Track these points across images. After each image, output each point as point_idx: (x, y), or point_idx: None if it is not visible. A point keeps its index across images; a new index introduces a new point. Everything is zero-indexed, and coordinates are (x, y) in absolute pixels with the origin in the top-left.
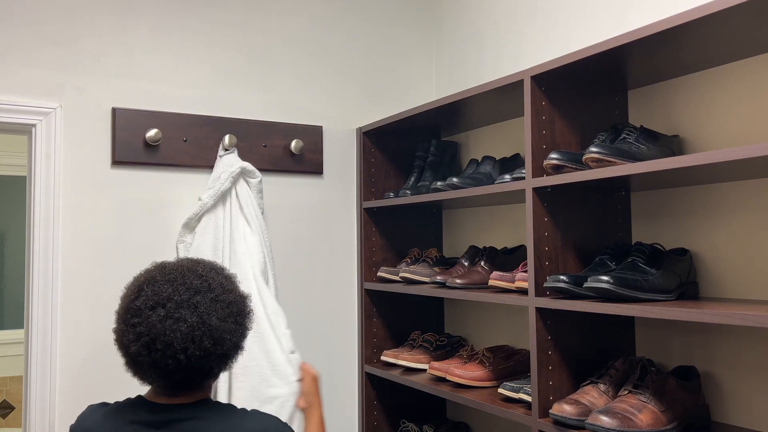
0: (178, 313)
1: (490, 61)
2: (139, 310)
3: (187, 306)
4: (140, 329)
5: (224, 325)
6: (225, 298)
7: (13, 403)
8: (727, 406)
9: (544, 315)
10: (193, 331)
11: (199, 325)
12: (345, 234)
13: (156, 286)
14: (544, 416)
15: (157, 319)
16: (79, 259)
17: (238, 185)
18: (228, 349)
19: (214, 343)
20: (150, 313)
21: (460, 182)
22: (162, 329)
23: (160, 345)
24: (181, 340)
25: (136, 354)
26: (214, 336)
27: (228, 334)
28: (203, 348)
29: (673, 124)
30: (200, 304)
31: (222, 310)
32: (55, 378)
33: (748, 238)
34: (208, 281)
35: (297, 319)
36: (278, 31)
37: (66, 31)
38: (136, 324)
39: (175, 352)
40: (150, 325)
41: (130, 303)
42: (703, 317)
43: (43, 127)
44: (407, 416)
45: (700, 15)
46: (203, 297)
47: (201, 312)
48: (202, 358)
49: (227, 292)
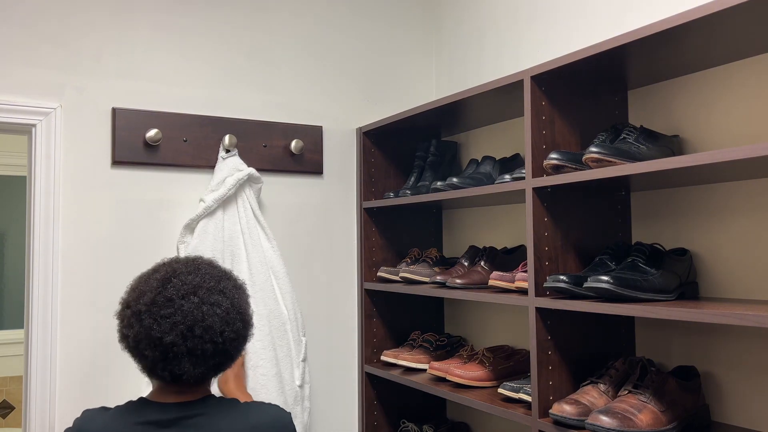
0: (212, 299)
1: (490, 61)
2: (170, 299)
3: (217, 292)
4: (176, 318)
5: (248, 308)
6: (241, 285)
7: (13, 403)
8: (727, 406)
9: (544, 315)
10: (228, 314)
11: (232, 308)
12: (345, 234)
13: (182, 276)
14: (544, 416)
15: (193, 306)
16: (79, 259)
17: (245, 190)
18: (250, 331)
19: (244, 324)
20: (183, 302)
21: (460, 182)
22: (200, 315)
23: (199, 330)
24: (219, 323)
25: (170, 345)
26: (244, 318)
27: (251, 318)
28: (236, 330)
29: (673, 124)
30: (227, 289)
31: (243, 294)
32: (55, 378)
33: (748, 238)
34: (222, 270)
35: None
36: (278, 31)
37: (66, 31)
38: (170, 314)
39: (213, 336)
40: (185, 312)
41: (156, 296)
42: (703, 317)
43: (43, 127)
44: (407, 416)
45: (700, 15)
46: (227, 283)
47: (231, 297)
48: (235, 339)
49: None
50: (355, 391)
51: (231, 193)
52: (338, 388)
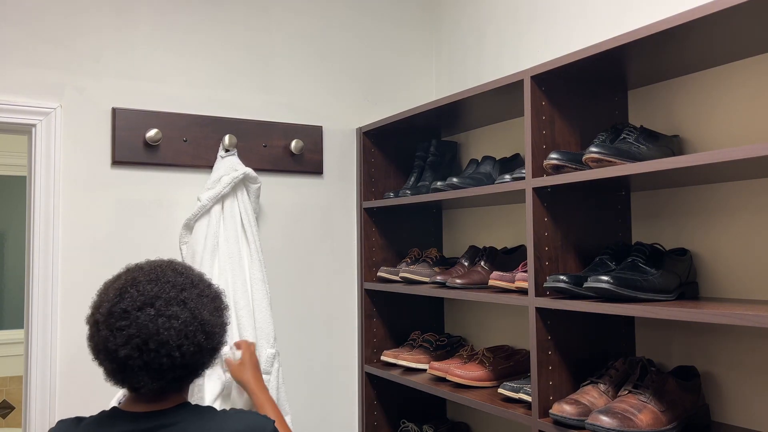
0: (169, 311)
1: (490, 61)
2: (125, 312)
3: (176, 303)
4: (130, 331)
5: (214, 319)
6: (209, 293)
7: (13, 403)
8: (727, 406)
9: (544, 315)
10: (186, 326)
11: (192, 320)
12: (345, 234)
13: (140, 286)
14: (544, 416)
15: (148, 319)
16: (79, 259)
17: (239, 191)
18: (217, 343)
19: (206, 337)
20: (138, 314)
21: (460, 182)
22: (155, 328)
23: (154, 344)
24: (176, 337)
25: (125, 358)
26: (206, 330)
27: (217, 328)
28: (197, 343)
29: (673, 124)
30: (188, 299)
31: (209, 304)
32: (55, 378)
33: (748, 238)
34: (190, 277)
35: (297, 319)
36: (278, 31)
37: (66, 31)
38: (125, 327)
39: (169, 350)
40: (140, 325)
41: (112, 306)
42: (703, 317)
43: (43, 127)
44: (407, 416)
45: (700, 15)
46: (190, 293)
47: (191, 307)
48: (196, 353)
49: (208, 287)
50: (355, 391)
51: (227, 192)
52: (338, 388)
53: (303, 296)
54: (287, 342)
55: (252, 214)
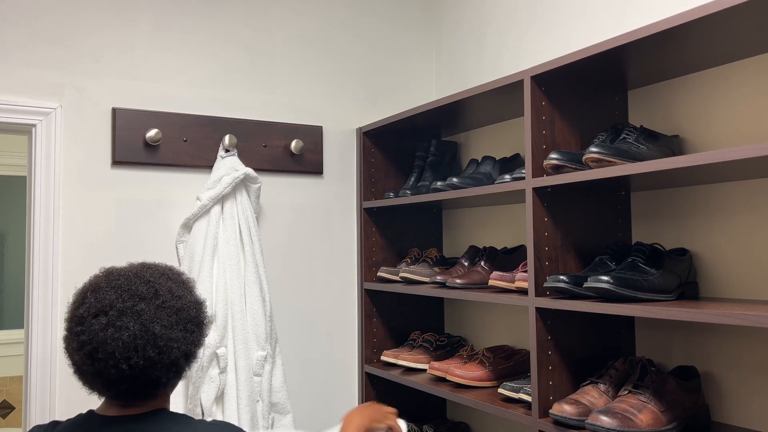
0: (120, 321)
1: (490, 61)
2: (82, 318)
3: (130, 314)
4: (83, 338)
5: (170, 333)
6: (173, 305)
7: (13, 403)
8: (727, 406)
9: (544, 315)
10: (135, 340)
11: (142, 333)
12: (345, 234)
13: (100, 293)
14: (544, 416)
15: (99, 328)
16: (79, 259)
17: (239, 191)
18: (176, 357)
19: (159, 352)
20: (93, 321)
21: (460, 182)
22: (103, 338)
23: (102, 354)
24: (123, 349)
25: (80, 363)
26: (159, 344)
27: (175, 342)
28: (147, 357)
29: (673, 124)
30: (144, 311)
31: (168, 317)
32: (55, 378)
33: (748, 238)
34: (155, 287)
35: (297, 319)
36: (278, 31)
37: (66, 31)
38: (79, 333)
39: (117, 362)
40: (92, 333)
41: (74, 311)
42: (703, 317)
43: (43, 127)
44: (407, 416)
45: (700, 15)
46: (148, 304)
47: (144, 320)
48: (147, 367)
49: (176, 298)
50: (355, 391)
51: (227, 192)
52: (338, 388)
53: (303, 296)
54: (287, 342)
55: (252, 215)
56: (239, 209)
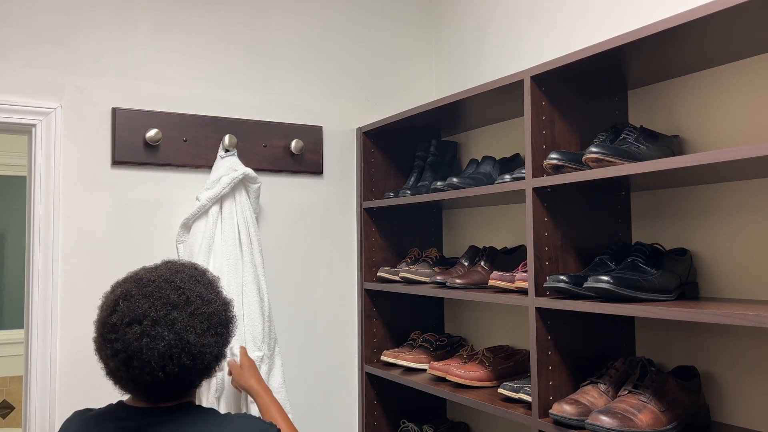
0: (154, 331)
1: (490, 61)
2: (115, 326)
3: (164, 323)
4: (117, 346)
5: (203, 340)
6: (204, 311)
7: (13, 403)
8: (727, 406)
9: (544, 315)
10: (170, 349)
11: (177, 342)
12: (345, 234)
13: (132, 301)
14: (544, 416)
15: (134, 337)
16: (79, 259)
17: (238, 191)
18: (209, 362)
19: (193, 359)
20: (126, 330)
21: (460, 182)
22: (138, 347)
23: (137, 363)
24: (159, 359)
25: (114, 369)
26: (193, 352)
27: (208, 348)
28: (182, 365)
29: (673, 124)
30: (177, 320)
31: (201, 324)
32: (55, 378)
33: (748, 238)
34: (186, 294)
35: (297, 319)
36: (278, 31)
37: (66, 31)
38: (113, 340)
39: (153, 370)
40: (126, 342)
41: (106, 318)
42: (703, 317)
43: (43, 127)
44: (407, 416)
45: (700, 15)
46: (180, 312)
47: (178, 329)
48: (182, 374)
49: (207, 303)
50: (355, 391)
51: (226, 192)
52: (338, 388)
53: (303, 296)
54: (287, 342)
55: (251, 215)
56: (238, 209)
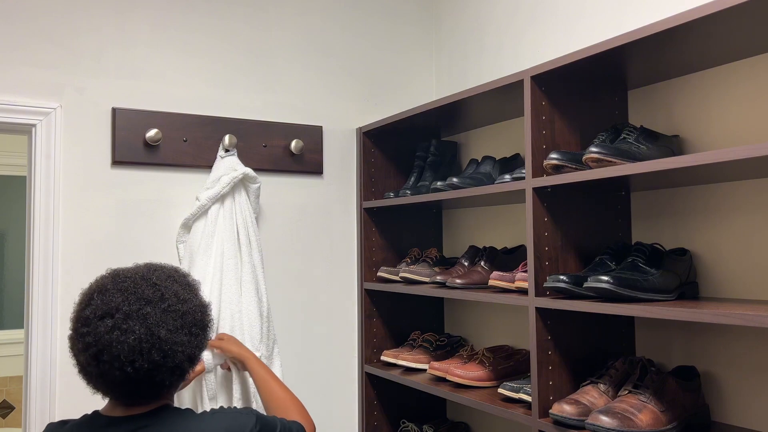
0: (125, 325)
1: (490, 61)
2: (88, 319)
3: (136, 317)
4: (88, 339)
5: (175, 337)
6: (178, 309)
7: (13, 403)
8: (727, 406)
9: (544, 315)
10: (140, 343)
11: (148, 337)
12: (345, 234)
13: (106, 295)
14: (544, 416)
15: (105, 330)
16: (79, 259)
17: (237, 191)
18: (180, 361)
19: (164, 355)
20: (98, 324)
21: (460, 182)
22: (109, 341)
23: (107, 357)
24: (128, 353)
25: (84, 364)
26: (164, 348)
27: (180, 347)
28: (152, 361)
29: (673, 124)
30: (150, 315)
31: (173, 321)
32: (55, 378)
33: (748, 238)
34: (162, 290)
35: (297, 319)
36: (279, 31)
37: (66, 31)
38: (85, 334)
39: (122, 365)
40: (98, 335)
41: (80, 311)
42: (703, 317)
43: (43, 127)
44: (407, 416)
45: (700, 15)
46: (154, 308)
47: (150, 324)
48: (152, 370)
49: (182, 301)
50: (355, 391)
51: (226, 192)
52: (338, 388)
53: (303, 296)
54: (287, 342)
55: (251, 215)
56: (237, 209)
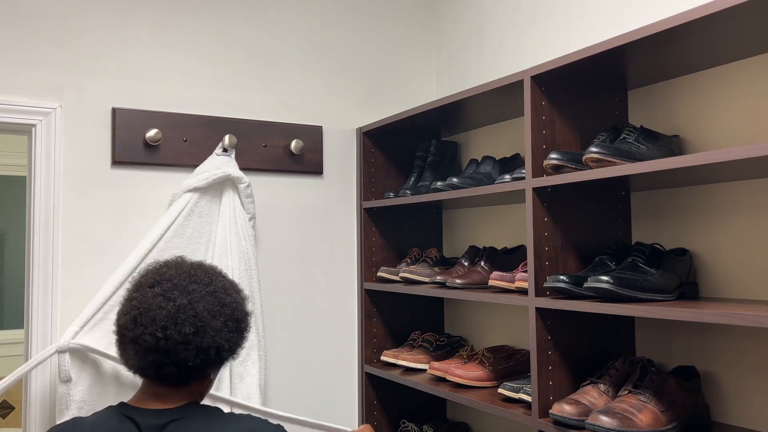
0: (171, 294)
1: (490, 61)
2: (140, 286)
3: (182, 289)
4: (134, 302)
5: (210, 319)
6: (221, 298)
7: (13, 403)
8: (727, 406)
9: (544, 315)
10: (178, 311)
11: (186, 308)
12: (345, 234)
13: (162, 269)
14: (544, 416)
15: (151, 295)
16: (79, 259)
17: (226, 190)
18: (208, 345)
19: (195, 331)
20: (147, 290)
21: (460, 182)
22: (151, 305)
23: (145, 319)
24: (164, 318)
25: (123, 326)
26: (197, 324)
27: (212, 330)
28: (183, 333)
29: (673, 124)
30: (195, 291)
31: (213, 304)
32: (55, 378)
33: (748, 238)
34: (212, 278)
35: (296, 319)
36: (279, 31)
37: (66, 31)
38: (133, 298)
39: (154, 329)
40: (143, 299)
41: (137, 281)
42: (703, 317)
43: (43, 127)
44: (407, 416)
45: (700, 15)
46: (200, 286)
47: (192, 298)
48: (180, 343)
49: (227, 294)
50: (355, 391)
51: (201, 186)
52: (338, 388)
53: (303, 296)
54: (287, 342)
55: (243, 215)
56: (228, 210)
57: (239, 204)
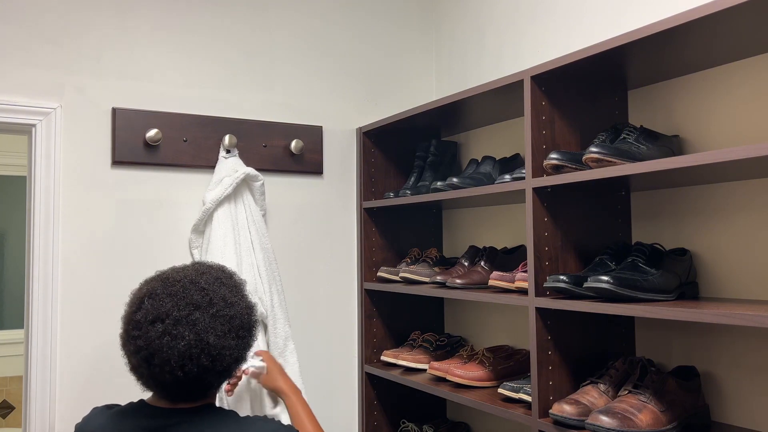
0: (176, 330)
1: (490, 61)
2: (139, 323)
3: (186, 323)
4: (139, 343)
5: (223, 342)
6: (226, 313)
7: (13, 403)
8: (727, 406)
9: (544, 315)
10: (190, 349)
11: (197, 343)
12: (345, 234)
13: (156, 299)
14: (544, 416)
15: (156, 335)
16: (79, 259)
17: (243, 192)
18: (228, 364)
19: (212, 360)
20: (149, 328)
21: (460, 182)
22: (159, 346)
23: (158, 360)
24: (178, 358)
25: (136, 365)
26: (212, 354)
27: (228, 350)
28: (201, 366)
29: (673, 124)
30: (199, 321)
31: (222, 326)
32: (55, 378)
33: (748, 238)
34: (210, 295)
35: (296, 319)
36: (279, 31)
37: (66, 31)
38: (136, 337)
39: (172, 369)
40: (148, 339)
41: (131, 314)
42: (703, 317)
43: (43, 127)
44: (407, 416)
45: (700, 15)
46: (203, 313)
47: (199, 329)
48: (201, 374)
49: (229, 306)
50: (355, 391)
51: (229, 193)
52: (338, 388)
53: (303, 296)
54: None
55: (259, 214)
56: (247, 209)
57: (252, 201)
